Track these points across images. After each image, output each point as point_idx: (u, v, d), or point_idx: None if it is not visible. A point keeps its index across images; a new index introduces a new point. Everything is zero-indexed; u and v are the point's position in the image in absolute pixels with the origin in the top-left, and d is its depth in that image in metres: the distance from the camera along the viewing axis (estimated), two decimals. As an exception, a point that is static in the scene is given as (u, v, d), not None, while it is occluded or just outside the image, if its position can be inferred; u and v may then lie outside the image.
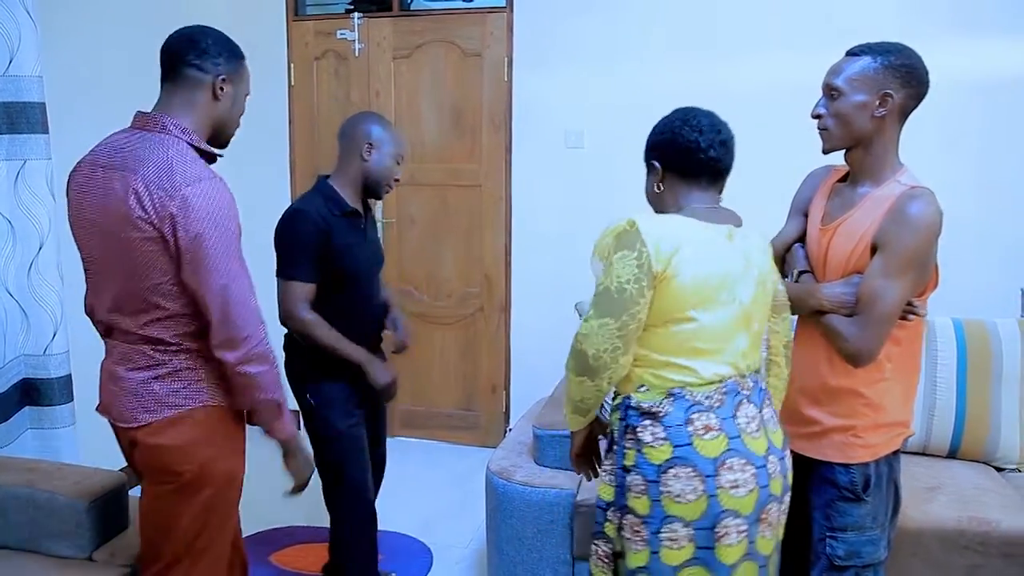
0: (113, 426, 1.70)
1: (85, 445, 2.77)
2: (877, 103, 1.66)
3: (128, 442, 1.67)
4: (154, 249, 1.54)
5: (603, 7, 3.40)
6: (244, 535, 1.92)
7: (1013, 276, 2.92)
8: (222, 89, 1.64)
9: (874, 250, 1.65)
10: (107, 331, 1.70)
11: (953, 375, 2.55)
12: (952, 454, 2.57)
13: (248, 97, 1.75)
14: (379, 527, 3.08)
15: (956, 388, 2.54)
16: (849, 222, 1.71)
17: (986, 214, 3.12)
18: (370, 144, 2.29)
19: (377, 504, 3.22)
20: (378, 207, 3.47)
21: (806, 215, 1.85)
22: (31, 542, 1.97)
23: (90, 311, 1.75)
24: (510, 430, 2.99)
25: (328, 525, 2.49)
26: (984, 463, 2.56)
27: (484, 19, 3.61)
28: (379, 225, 3.59)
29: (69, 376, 2.59)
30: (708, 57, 3.28)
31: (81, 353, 2.84)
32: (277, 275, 2.20)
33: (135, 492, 1.85)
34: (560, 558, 2.42)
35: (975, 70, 3.06)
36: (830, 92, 1.70)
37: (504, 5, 3.59)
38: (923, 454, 2.59)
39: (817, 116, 1.73)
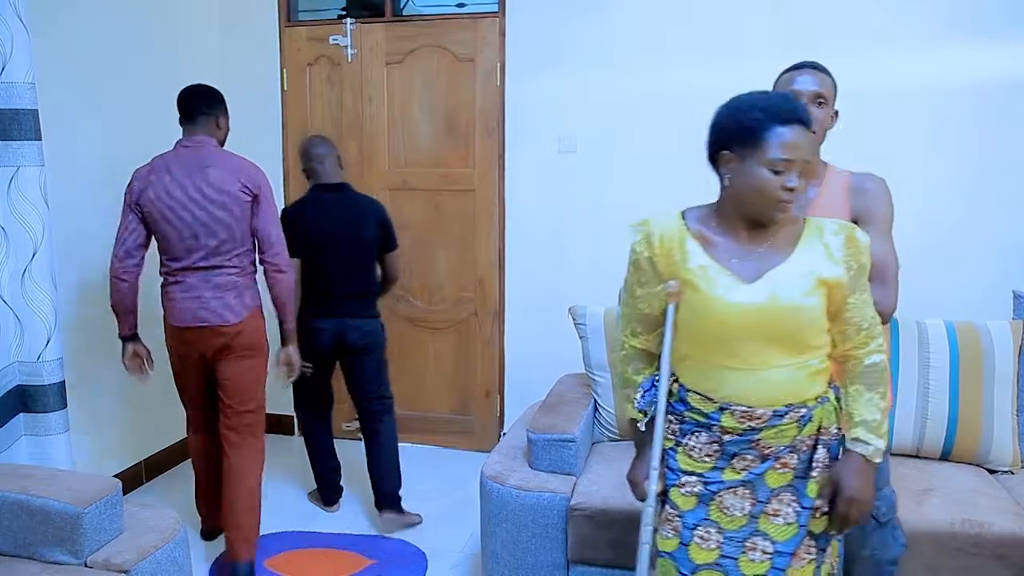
0: (193, 330, 2.60)
1: (79, 451, 2.77)
2: (835, 112, 1.92)
3: (215, 336, 2.60)
4: (248, 207, 2.59)
5: (595, 12, 3.41)
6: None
7: (1004, 278, 2.94)
8: (219, 124, 2.71)
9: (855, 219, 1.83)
10: (192, 271, 2.60)
11: (946, 377, 2.56)
12: (945, 456, 2.58)
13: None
14: (373, 532, 3.10)
15: (949, 390, 2.56)
16: (818, 210, 1.84)
17: (977, 217, 3.15)
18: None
19: (371, 510, 3.26)
20: None
21: None
22: (26, 548, 1.97)
23: (172, 263, 2.62)
24: (504, 435, 3.00)
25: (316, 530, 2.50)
26: (977, 465, 2.58)
27: (476, 24, 3.62)
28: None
29: (63, 383, 2.59)
30: (700, 60, 3.29)
31: (73, 359, 2.85)
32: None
33: (130, 496, 1.86)
34: (555, 562, 2.42)
35: (965, 73, 3.09)
36: (818, 100, 1.84)
37: (496, 10, 3.60)
38: (916, 456, 2.61)
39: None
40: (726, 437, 1.59)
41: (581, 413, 2.67)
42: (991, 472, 2.56)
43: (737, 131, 1.54)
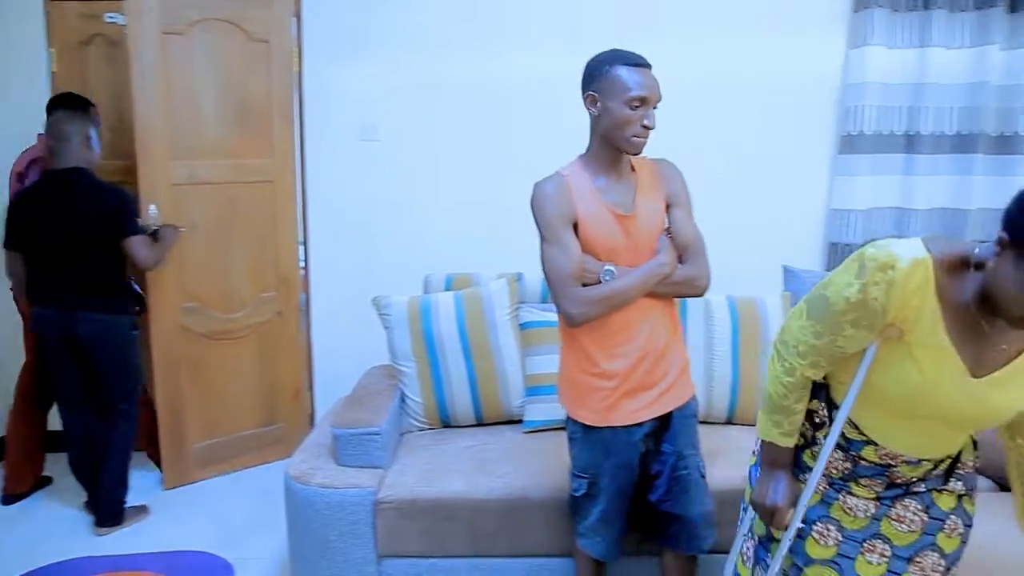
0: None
1: None
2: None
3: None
4: None
5: (394, -3, 3.35)
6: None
7: (775, 255, 3.20)
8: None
9: (667, 207, 1.99)
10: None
11: (729, 347, 2.75)
12: (729, 420, 2.78)
13: None
14: (175, 548, 2.91)
15: (731, 359, 2.74)
16: (642, 198, 1.95)
17: (751, 201, 3.41)
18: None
19: (173, 525, 3.08)
20: (151, 210, 3.14)
21: (575, 224, 1.92)
22: None
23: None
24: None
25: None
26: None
27: (271, 2, 3.38)
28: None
29: None
30: (503, 48, 3.33)
31: None
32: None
33: None
34: (365, 558, 2.37)
35: (737, 69, 3.33)
36: (656, 103, 1.87)
37: (291, -10, 3.43)
38: (704, 421, 2.77)
39: (652, 128, 1.87)
40: (860, 464, 1.54)
41: (387, 405, 2.62)
42: (769, 432, 2.77)
43: None
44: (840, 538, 1.56)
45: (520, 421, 2.77)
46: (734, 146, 3.39)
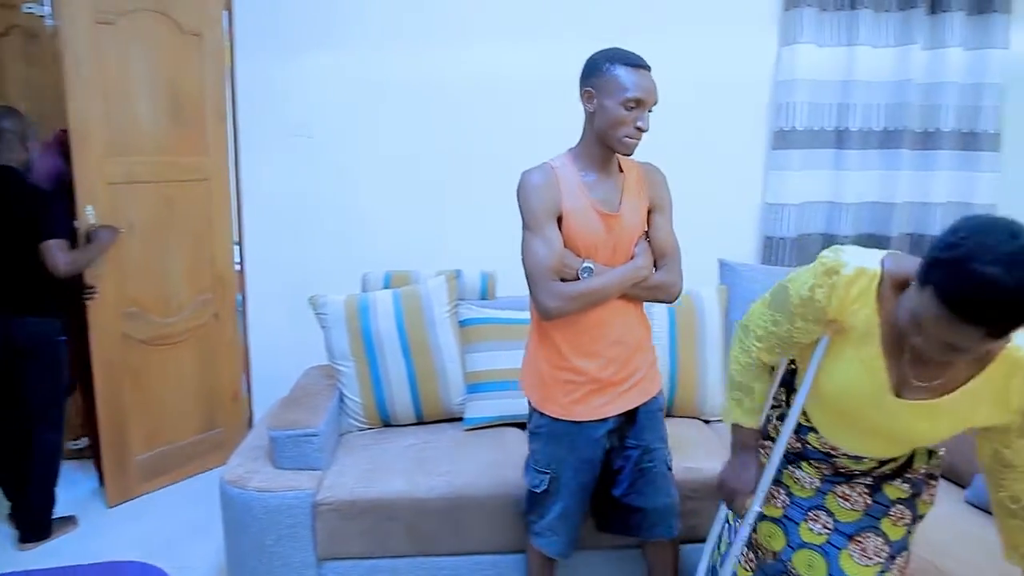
0: None
1: None
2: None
3: None
4: None
5: (328, -8, 3.30)
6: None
7: (712, 249, 3.25)
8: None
9: (649, 212, 1.99)
10: None
11: (666, 340, 2.79)
12: (669, 412, 2.81)
13: None
14: (109, 557, 2.82)
15: (669, 352, 2.78)
16: (627, 199, 1.95)
17: (688, 196, 3.44)
18: None
19: (106, 537, 3.01)
20: (88, 211, 3.01)
21: (559, 218, 1.90)
22: None
23: None
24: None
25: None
26: (694, 417, 2.84)
27: (201, -5, 3.27)
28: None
29: None
30: (443, 44, 3.31)
31: None
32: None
33: None
34: (305, 562, 2.33)
35: (666, 68, 3.37)
36: (652, 106, 1.90)
37: (221, -17, 3.35)
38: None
39: (645, 130, 1.89)
40: (808, 447, 1.64)
41: (326, 405, 2.58)
42: (706, 423, 2.83)
43: None
44: (788, 502, 1.66)
45: (461, 419, 2.76)
46: (671, 142, 3.39)
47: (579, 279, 1.90)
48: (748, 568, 1.75)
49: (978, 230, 1.16)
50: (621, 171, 1.99)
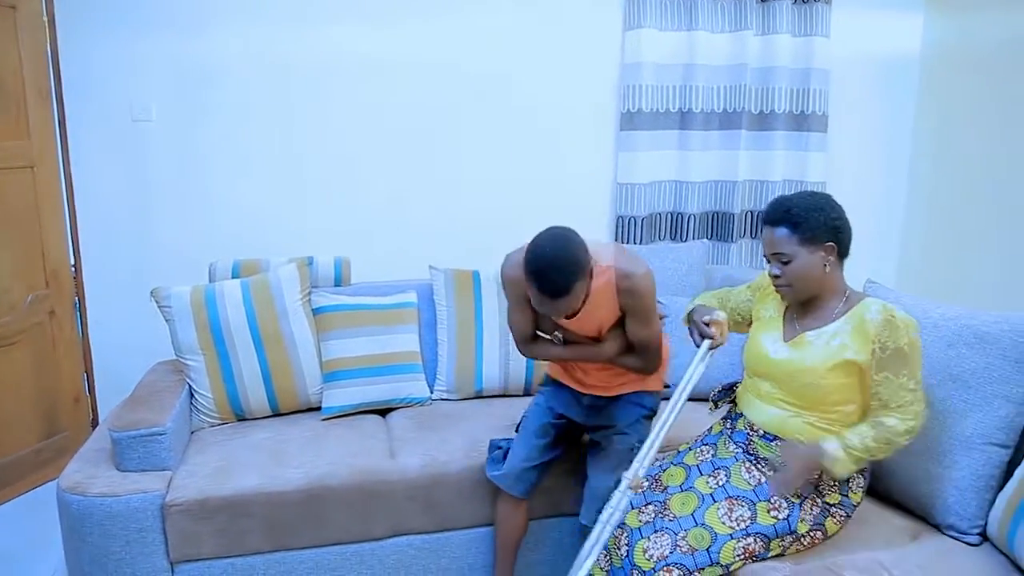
0: None
1: None
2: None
3: None
4: None
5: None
6: None
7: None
8: None
9: (623, 311, 2.10)
10: None
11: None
12: (527, 391, 2.86)
13: None
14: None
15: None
16: (591, 308, 2.05)
17: (543, 176, 3.52)
18: None
19: None
20: None
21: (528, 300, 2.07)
22: None
23: None
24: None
25: None
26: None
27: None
28: None
29: None
30: (290, 23, 3.19)
31: None
32: None
33: None
34: (156, 567, 2.23)
35: (519, 52, 3.41)
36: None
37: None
38: (503, 395, 2.87)
39: None
40: (735, 430, 2.02)
41: (173, 402, 2.46)
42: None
43: None
44: (708, 459, 2.01)
45: (319, 408, 2.71)
46: (527, 124, 3.48)
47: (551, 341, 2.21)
48: (604, 569, 1.96)
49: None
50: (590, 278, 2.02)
